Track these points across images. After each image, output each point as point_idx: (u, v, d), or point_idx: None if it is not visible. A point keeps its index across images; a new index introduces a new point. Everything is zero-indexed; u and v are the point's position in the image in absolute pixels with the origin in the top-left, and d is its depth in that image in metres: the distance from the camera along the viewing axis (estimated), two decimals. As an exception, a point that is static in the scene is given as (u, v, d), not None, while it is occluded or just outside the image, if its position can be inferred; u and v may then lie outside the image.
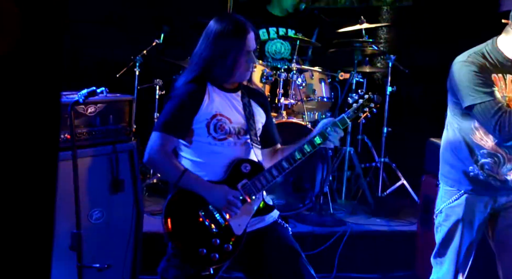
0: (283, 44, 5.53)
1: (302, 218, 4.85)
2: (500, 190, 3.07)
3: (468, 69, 2.95)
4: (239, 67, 2.74)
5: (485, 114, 2.91)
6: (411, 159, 5.42)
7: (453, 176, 3.11)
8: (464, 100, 2.96)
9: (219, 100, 2.77)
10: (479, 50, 3.02)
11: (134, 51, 5.39)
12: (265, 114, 2.92)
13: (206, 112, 2.72)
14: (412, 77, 5.75)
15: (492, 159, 3.02)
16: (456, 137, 3.08)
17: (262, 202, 2.77)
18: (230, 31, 2.71)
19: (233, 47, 2.70)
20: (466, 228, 3.09)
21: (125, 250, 3.65)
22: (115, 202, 3.61)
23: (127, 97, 3.81)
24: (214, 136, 2.72)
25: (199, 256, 2.61)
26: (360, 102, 2.79)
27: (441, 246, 3.17)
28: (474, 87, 2.93)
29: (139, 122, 5.32)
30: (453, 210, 3.10)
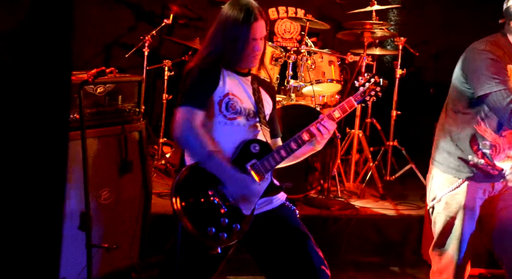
0: (293, 23, 5.49)
1: (310, 201, 4.85)
2: (496, 177, 3.07)
3: (486, 56, 2.93)
4: (246, 54, 2.76)
5: (500, 102, 2.89)
6: (420, 142, 5.40)
7: (452, 164, 3.08)
8: (480, 88, 2.94)
9: (231, 81, 2.80)
10: (493, 41, 3.00)
11: (143, 31, 5.37)
12: (272, 103, 2.93)
13: (219, 90, 2.75)
14: (422, 60, 5.71)
15: (492, 149, 3.02)
16: (458, 126, 3.06)
17: (270, 182, 2.77)
18: (239, 18, 2.73)
19: (241, 34, 2.72)
20: (467, 216, 3.07)
21: (133, 231, 3.66)
22: (124, 183, 3.61)
23: (136, 78, 3.80)
24: (225, 114, 2.73)
25: (208, 235, 2.62)
26: (366, 86, 2.80)
27: (441, 235, 3.14)
28: (491, 75, 2.91)
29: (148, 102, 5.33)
30: (454, 198, 3.08)
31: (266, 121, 2.86)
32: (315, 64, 5.09)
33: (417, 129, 5.76)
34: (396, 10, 6.27)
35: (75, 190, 3.21)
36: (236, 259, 4.05)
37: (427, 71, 6.10)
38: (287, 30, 5.52)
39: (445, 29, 6.11)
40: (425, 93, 6.20)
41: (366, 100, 2.84)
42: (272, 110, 2.95)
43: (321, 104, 5.19)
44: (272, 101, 2.96)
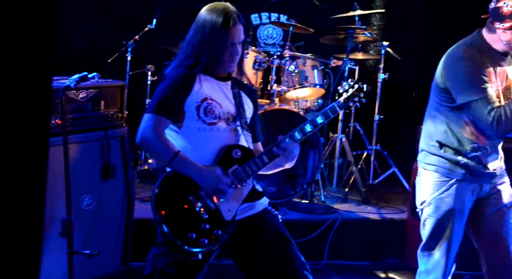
0: (275, 29, 5.50)
1: (293, 205, 4.85)
2: (486, 177, 3.10)
3: (465, 64, 2.96)
4: (224, 58, 2.76)
5: (482, 110, 2.92)
6: (403, 146, 5.45)
7: (442, 165, 3.10)
8: (460, 96, 2.97)
9: (210, 85, 2.79)
10: (470, 43, 3.02)
11: (126, 36, 5.35)
12: (253, 108, 2.94)
13: (196, 95, 2.73)
14: (404, 65, 5.75)
15: (482, 152, 3.05)
16: (445, 132, 3.08)
17: (252, 188, 2.77)
18: (217, 22, 2.73)
19: (219, 38, 2.72)
20: (457, 218, 3.09)
21: (116, 237, 3.65)
22: (106, 188, 3.60)
23: (118, 83, 3.80)
24: (203, 120, 2.72)
25: (188, 241, 2.61)
26: (350, 92, 2.81)
27: (430, 238, 3.16)
28: (470, 83, 2.94)
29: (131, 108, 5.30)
30: (443, 201, 3.10)
31: (248, 126, 2.85)
32: (298, 69, 5.10)
33: (399, 133, 5.80)
34: (378, 15, 6.31)
35: (56, 196, 3.18)
36: (218, 264, 4.04)
37: (410, 75, 6.13)
38: (270, 35, 5.53)
39: (428, 33, 6.16)
40: (408, 97, 6.24)
41: (350, 106, 2.85)
42: (254, 114, 2.95)
43: (304, 109, 5.21)
44: (254, 105, 2.96)
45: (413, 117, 5.82)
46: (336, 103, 2.81)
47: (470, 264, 3.96)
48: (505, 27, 2.92)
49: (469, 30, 3.15)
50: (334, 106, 2.80)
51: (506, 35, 2.94)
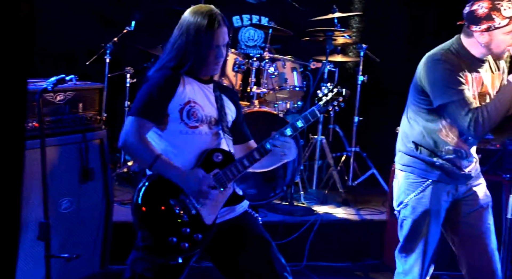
0: (256, 31, 5.51)
1: (273, 207, 4.86)
2: (461, 178, 3.13)
3: (442, 67, 2.98)
4: (208, 60, 2.76)
5: (459, 112, 2.95)
6: (382, 148, 5.47)
7: (418, 166, 3.12)
8: (437, 98, 2.99)
9: (193, 88, 2.78)
10: (448, 48, 3.05)
11: (104, 38, 5.32)
12: (236, 110, 2.94)
13: (180, 98, 2.72)
14: (383, 66, 5.79)
15: (456, 155, 3.08)
16: (421, 133, 3.11)
17: (233, 192, 2.77)
18: (202, 24, 2.72)
19: (203, 41, 2.72)
20: (433, 219, 3.12)
21: (95, 240, 3.62)
22: (85, 191, 3.57)
23: (97, 85, 3.79)
24: (186, 123, 2.72)
25: (169, 245, 2.61)
26: (329, 96, 2.82)
27: (408, 239, 3.18)
28: (448, 85, 2.96)
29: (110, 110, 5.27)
30: (419, 202, 3.12)
31: (229, 129, 2.85)
32: (278, 71, 5.11)
33: (379, 135, 5.83)
34: (357, 17, 6.34)
35: (34, 199, 3.16)
36: (198, 267, 4.03)
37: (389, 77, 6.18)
38: (251, 37, 5.54)
39: (406, 35, 6.20)
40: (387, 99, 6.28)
41: (329, 110, 2.86)
42: (238, 116, 2.94)
43: (284, 111, 5.22)
44: (236, 108, 2.95)
45: (392, 119, 5.87)
46: (316, 107, 2.83)
47: (448, 264, 4.01)
48: (482, 29, 2.95)
49: (447, 32, 3.18)
50: (314, 110, 2.81)
51: (484, 37, 2.97)
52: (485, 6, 2.92)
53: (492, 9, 2.91)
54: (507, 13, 2.90)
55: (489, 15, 2.91)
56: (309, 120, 2.79)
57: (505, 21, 2.90)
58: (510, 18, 2.90)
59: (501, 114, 2.93)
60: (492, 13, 2.90)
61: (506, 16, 2.90)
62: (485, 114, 2.92)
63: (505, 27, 2.91)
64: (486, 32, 2.95)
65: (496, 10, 2.90)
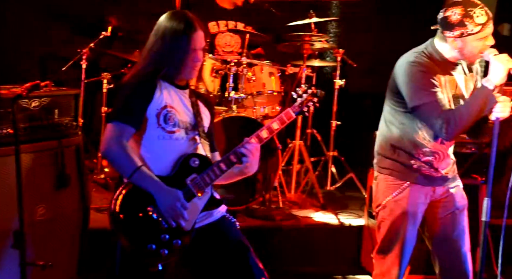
0: (233, 37, 5.51)
1: (251, 212, 4.86)
2: (439, 180, 3.17)
3: (416, 69, 3.02)
4: (185, 65, 2.76)
5: (431, 113, 2.99)
6: (359, 152, 5.50)
7: (397, 168, 3.16)
8: (411, 100, 3.03)
9: (169, 93, 2.79)
10: (421, 51, 3.10)
11: (80, 44, 5.28)
12: (210, 117, 2.94)
13: (157, 103, 2.72)
14: (360, 71, 5.83)
15: (433, 156, 3.11)
16: (398, 136, 3.14)
17: (211, 196, 2.76)
18: (178, 29, 2.73)
19: (180, 45, 2.72)
20: (410, 221, 3.15)
21: (71, 247, 3.60)
22: (61, 198, 3.55)
23: (72, 91, 3.75)
24: (163, 127, 2.72)
25: (148, 252, 2.59)
26: (303, 97, 2.84)
27: (385, 241, 3.21)
28: (421, 87, 3.00)
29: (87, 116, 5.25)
30: (397, 204, 3.15)
31: (206, 134, 2.86)
32: (256, 76, 5.12)
33: (356, 139, 5.86)
34: (335, 22, 6.38)
35: (8, 207, 3.13)
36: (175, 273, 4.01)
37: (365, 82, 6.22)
38: (228, 43, 5.53)
39: (382, 40, 6.26)
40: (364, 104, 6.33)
41: (304, 111, 2.88)
42: (210, 124, 2.95)
43: (262, 115, 5.22)
44: (211, 115, 2.96)
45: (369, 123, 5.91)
46: (291, 109, 2.84)
47: (422, 267, 4.05)
48: (456, 35, 2.99)
49: (422, 37, 3.21)
50: (289, 111, 2.83)
51: (457, 43, 3.01)
52: (458, 13, 2.96)
53: (465, 16, 2.95)
54: (480, 20, 2.94)
55: (462, 22, 2.95)
56: (284, 121, 2.81)
57: (477, 28, 2.94)
58: (482, 25, 2.95)
59: (473, 117, 2.97)
60: (465, 19, 2.95)
61: (479, 23, 2.94)
62: (457, 116, 2.96)
63: (478, 34, 2.96)
64: (459, 38, 2.99)
65: (469, 17, 2.94)
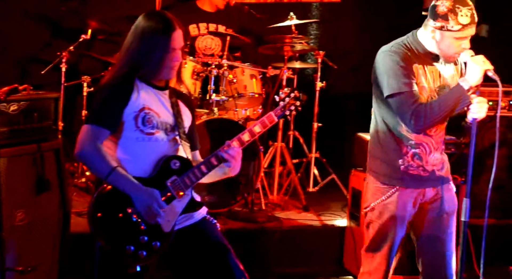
0: (213, 39, 5.51)
1: (234, 214, 4.85)
2: (428, 181, 3.15)
3: (391, 58, 3.03)
4: (165, 64, 2.75)
5: (403, 104, 2.99)
6: (341, 153, 5.53)
7: (384, 171, 3.15)
8: (385, 89, 3.03)
9: (147, 95, 2.77)
10: (401, 41, 3.11)
11: (60, 46, 5.25)
12: (191, 117, 2.93)
13: (134, 105, 2.71)
14: (340, 73, 5.85)
15: (419, 148, 3.10)
16: (384, 130, 3.14)
17: (191, 198, 2.76)
18: (157, 28, 2.72)
19: (159, 44, 2.71)
20: (399, 224, 3.14)
21: (52, 252, 3.57)
22: (40, 203, 3.52)
23: (52, 94, 3.73)
24: (142, 129, 2.71)
25: (126, 254, 2.59)
26: (286, 101, 2.84)
27: (373, 241, 3.20)
28: (395, 77, 3.00)
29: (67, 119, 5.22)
30: (386, 207, 3.14)
31: (186, 136, 2.85)
32: (237, 78, 5.12)
33: (338, 141, 5.89)
34: (315, 24, 6.40)
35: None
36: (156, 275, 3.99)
37: (346, 83, 6.25)
38: (208, 46, 5.53)
39: (363, 42, 6.29)
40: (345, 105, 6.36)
41: (286, 115, 2.88)
42: (191, 123, 2.94)
43: (243, 118, 5.22)
44: (191, 114, 2.95)
45: (350, 124, 5.94)
46: (273, 112, 2.85)
47: (406, 267, 4.07)
48: (436, 27, 2.99)
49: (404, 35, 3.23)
50: (271, 115, 2.84)
51: (436, 34, 3.02)
52: (446, 5, 2.96)
53: (451, 11, 2.94)
54: (462, 20, 2.94)
55: (446, 15, 2.95)
56: (266, 125, 2.81)
57: (457, 27, 2.95)
58: (463, 26, 2.94)
59: (444, 113, 2.98)
60: (449, 14, 2.95)
61: (460, 22, 2.94)
62: (427, 109, 2.97)
63: (456, 33, 2.96)
64: (439, 30, 3.00)
65: (454, 13, 2.94)
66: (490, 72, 2.95)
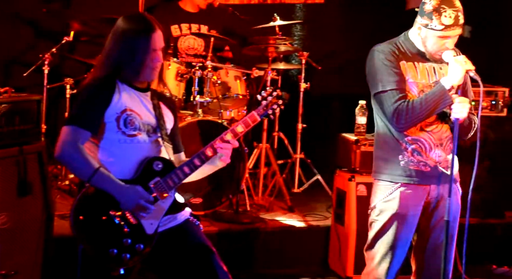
0: (196, 40, 5.50)
1: (219, 215, 4.85)
2: (431, 178, 3.12)
3: (378, 57, 3.07)
4: (145, 65, 2.74)
5: (386, 102, 3.03)
6: (326, 154, 5.54)
7: (385, 169, 3.15)
8: (372, 88, 3.08)
9: (129, 96, 2.77)
10: (392, 40, 3.15)
11: (43, 49, 5.21)
12: (173, 118, 2.93)
13: (116, 107, 2.71)
14: (324, 74, 5.87)
15: (417, 144, 3.10)
16: (383, 129, 3.16)
17: (174, 200, 2.75)
18: (137, 29, 2.73)
19: (140, 45, 2.71)
20: (401, 223, 3.13)
21: (35, 255, 3.55)
22: (23, 206, 3.50)
23: (34, 97, 3.72)
24: (124, 131, 2.70)
25: (110, 257, 2.58)
26: (268, 100, 2.85)
27: (375, 240, 3.19)
28: (380, 75, 3.04)
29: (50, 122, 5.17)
30: (387, 205, 3.14)
31: (168, 137, 2.84)
32: (221, 79, 5.11)
33: (322, 141, 5.91)
34: (299, 25, 6.41)
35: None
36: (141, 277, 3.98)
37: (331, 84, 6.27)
38: (191, 46, 5.52)
39: (347, 43, 6.31)
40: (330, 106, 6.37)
41: (269, 114, 2.88)
42: (174, 125, 2.93)
43: (228, 119, 5.22)
44: (174, 116, 2.94)
45: (334, 125, 5.97)
46: (256, 111, 2.85)
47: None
48: (422, 24, 3.03)
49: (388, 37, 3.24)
50: (254, 114, 2.84)
51: (422, 32, 3.05)
52: (432, 4, 2.99)
53: (436, 10, 2.97)
54: (445, 21, 2.97)
55: (431, 14, 2.98)
56: (249, 124, 2.81)
57: (440, 27, 2.98)
58: (446, 27, 2.97)
59: (426, 111, 2.99)
60: (434, 13, 2.97)
61: (443, 23, 2.97)
62: (409, 107, 2.99)
63: (438, 32, 2.99)
64: (424, 28, 3.03)
65: (438, 13, 2.96)
66: (471, 72, 2.98)
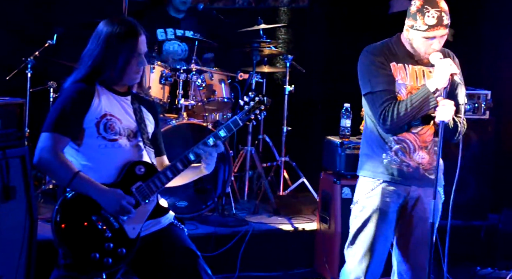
0: (180, 45, 5.50)
1: (204, 219, 4.84)
2: (412, 179, 3.14)
3: (367, 58, 3.10)
4: (129, 69, 2.73)
5: (374, 103, 3.06)
6: (310, 157, 5.56)
7: (369, 166, 3.18)
8: (363, 88, 3.12)
9: (109, 101, 2.75)
10: (384, 42, 3.18)
11: (25, 52, 5.17)
12: (154, 122, 2.91)
13: (95, 112, 2.69)
14: (309, 77, 5.88)
15: (401, 145, 3.12)
16: (370, 127, 3.19)
17: (157, 204, 2.74)
18: (121, 33, 2.71)
19: (124, 49, 2.70)
20: (381, 219, 3.15)
21: (18, 260, 3.52)
22: (6, 210, 3.47)
23: (17, 101, 3.70)
24: (104, 136, 2.68)
25: (91, 261, 2.56)
26: (251, 104, 2.85)
27: (355, 236, 3.20)
28: (368, 76, 3.07)
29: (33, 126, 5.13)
30: (368, 201, 3.16)
31: (150, 141, 2.83)
32: (206, 83, 5.11)
33: (307, 144, 5.92)
34: (283, 29, 6.43)
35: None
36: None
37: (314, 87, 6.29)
38: (175, 51, 5.52)
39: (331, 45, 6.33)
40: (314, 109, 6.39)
41: (252, 119, 2.89)
42: (156, 129, 2.92)
43: (213, 122, 5.21)
44: (155, 120, 2.93)
45: (319, 128, 5.98)
46: (238, 116, 2.85)
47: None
48: (408, 25, 3.07)
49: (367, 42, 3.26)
50: (236, 119, 2.84)
51: (409, 33, 3.07)
52: (416, 5, 3.03)
53: (419, 11, 3.00)
54: (429, 21, 2.99)
55: (415, 15, 3.01)
56: (231, 129, 2.81)
57: (424, 27, 3.00)
58: (429, 27, 2.99)
59: (411, 113, 3.02)
60: (418, 14, 3.01)
61: (427, 23, 2.99)
62: (395, 109, 3.02)
63: (423, 33, 3.02)
64: (411, 29, 3.05)
65: (422, 13, 2.99)
66: (456, 75, 3.01)
